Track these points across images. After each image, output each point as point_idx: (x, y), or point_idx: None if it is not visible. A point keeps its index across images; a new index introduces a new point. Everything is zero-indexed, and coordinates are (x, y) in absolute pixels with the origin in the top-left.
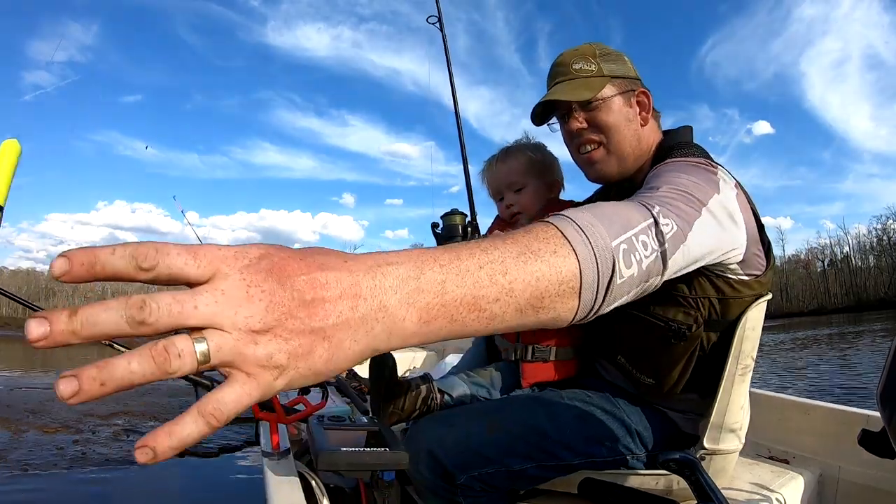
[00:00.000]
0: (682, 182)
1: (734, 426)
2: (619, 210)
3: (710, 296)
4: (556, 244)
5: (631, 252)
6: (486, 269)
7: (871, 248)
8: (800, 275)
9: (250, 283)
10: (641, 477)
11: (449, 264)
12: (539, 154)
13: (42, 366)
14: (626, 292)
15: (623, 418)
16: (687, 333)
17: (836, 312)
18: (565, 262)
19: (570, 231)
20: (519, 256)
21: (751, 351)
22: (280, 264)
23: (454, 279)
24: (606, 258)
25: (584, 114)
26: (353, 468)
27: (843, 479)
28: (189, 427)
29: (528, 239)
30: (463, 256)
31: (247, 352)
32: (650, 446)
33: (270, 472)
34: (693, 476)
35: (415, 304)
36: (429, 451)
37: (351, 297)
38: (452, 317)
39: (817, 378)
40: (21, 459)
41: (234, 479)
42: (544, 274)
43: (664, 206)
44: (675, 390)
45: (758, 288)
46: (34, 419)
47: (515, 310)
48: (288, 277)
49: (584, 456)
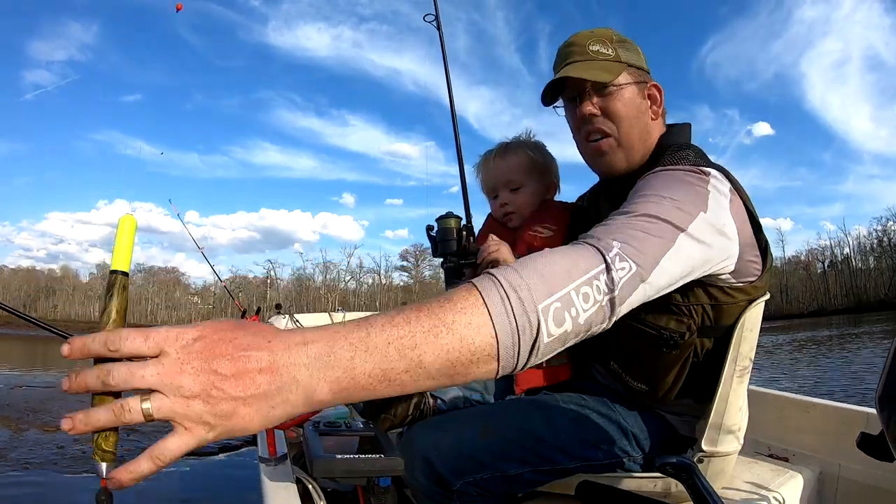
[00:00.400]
0: (662, 206)
1: (732, 428)
2: (564, 260)
3: (704, 302)
4: (474, 314)
5: (565, 309)
6: (394, 344)
7: (872, 250)
8: (800, 276)
9: (183, 361)
10: (639, 480)
11: (358, 342)
12: (539, 154)
13: (42, 365)
14: (559, 346)
15: (619, 421)
16: (679, 342)
17: (836, 314)
18: (479, 333)
19: (492, 298)
20: (430, 331)
21: (749, 352)
22: (210, 346)
23: (362, 355)
24: (530, 323)
25: (598, 99)
26: (349, 475)
27: (843, 477)
28: (143, 465)
29: (445, 310)
30: (373, 333)
31: (181, 411)
32: (647, 449)
33: (267, 478)
34: (690, 480)
35: (325, 378)
36: (423, 458)
37: (269, 372)
38: (363, 386)
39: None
40: (22, 458)
41: (232, 483)
42: (455, 347)
43: (626, 244)
44: (668, 396)
45: (753, 292)
46: (35, 418)
47: (427, 377)
48: (214, 357)
49: (580, 460)
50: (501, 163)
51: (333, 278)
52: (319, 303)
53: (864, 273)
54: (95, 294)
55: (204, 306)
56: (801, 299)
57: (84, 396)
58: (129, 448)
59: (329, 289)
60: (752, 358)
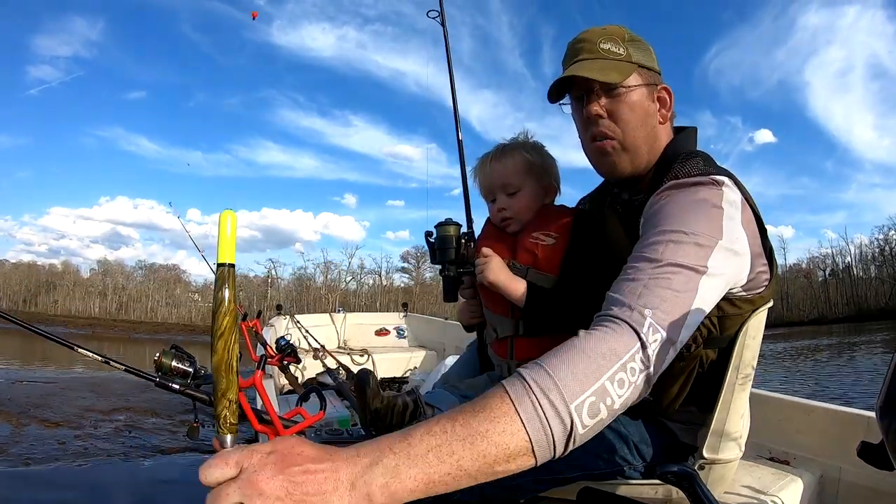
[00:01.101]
0: (682, 247)
1: (734, 435)
2: (599, 349)
3: (711, 314)
4: (506, 423)
5: (601, 401)
6: (433, 452)
7: (873, 259)
8: (801, 284)
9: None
10: (640, 486)
11: (401, 452)
12: (537, 155)
13: (42, 360)
14: (599, 430)
15: (620, 430)
16: (685, 354)
17: (837, 322)
18: (513, 438)
19: (524, 406)
20: (466, 439)
21: (751, 360)
22: (282, 458)
23: (405, 462)
24: (563, 424)
25: (606, 99)
26: None
27: (844, 480)
28: None
29: (479, 420)
30: (414, 444)
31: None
32: (648, 458)
33: None
34: (692, 489)
35: (376, 482)
36: None
37: (333, 479)
38: (411, 489)
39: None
40: (23, 453)
41: None
42: (490, 452)
43: (657, 309)
44: (672, 406)
45: (760, 302)
46: (36, 413)
47: (468, 478)
48: (287, 466)
49: (580, 469)
50: (498, 165)
51: (334, 278)
52: (320, 303)
53: (865, 282)
54: (96, 290)
55: (204, 304)
56: (801, 307)
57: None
58: (132, 446)
59: (330, 289)
60: (755, 366)
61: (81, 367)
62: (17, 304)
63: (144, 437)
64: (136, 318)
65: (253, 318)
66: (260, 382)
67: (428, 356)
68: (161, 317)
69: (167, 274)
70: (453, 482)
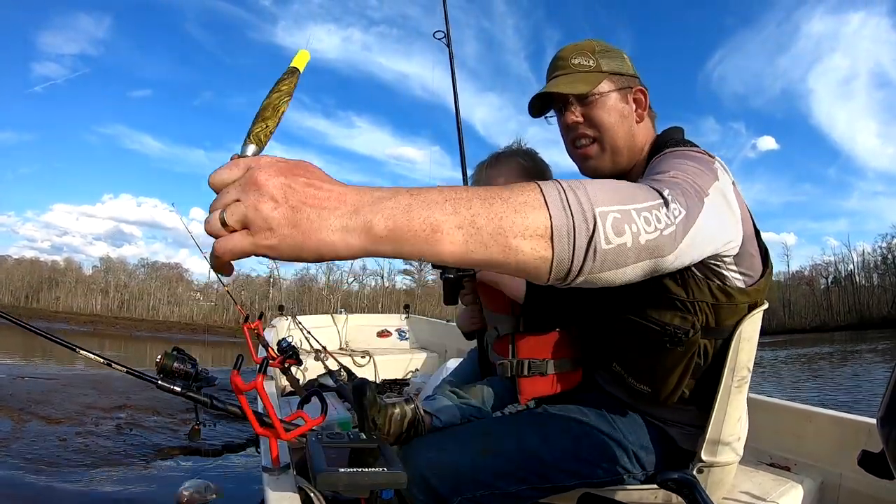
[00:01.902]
0: (686, 169)
1: (731, 438)
2: (625, 187)
3: (707, 301)
4: (529, 196)
5: (625, 222)
6: (450, 201)
7: (876, 267)
8: (803, 291)
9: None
10: (640, 492)
11: (418, 194)
12: (530, 161)
13: (43, 356)
14: (624, 262)
15: (620, 439)
16: (684, 339)
17: (839, 330)
18: (534, 211)
19: (549, 190)
20: (486, 199)
21: (747, 362)
22: (290, 167)
23: (420, 204)
24: (585, 220)
25: (580, 108)
26: (352, 489)
27: (845, 487)
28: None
29: (503, 190)
30: (433, 192)
31: (251, 215)
32: (647, 466)
33: (270, 488)
34: (692, 496)
35: (383, 213)
36: (420, 476)
37: (337, 198)
38: (416, 231)
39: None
40: (24, 450)
41: (237, 479)
42: (508, 215)
43: (674, 189)
44: (671, 399)
45: (754, 295)
46: (37, 409)
47: (479, 242)
48: (292, 174)
49: (579, 478)
50: (493, 172)
51: (336, 280)
52: (322, 304)
53: (868, 290)
54: (98, 287)
55: (206, 303)
56: (803, 314)
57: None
58: (133, 444)
59: (332, 290)
60: (751, 368)
61: (83, 363)
62: (18, 300)
63: (145, 436)
64: (138, 316)
65: (255, 320)
66: (262, 386)
67: (429, 358)
68: (163, 315)
69: (169, 272)
70: (462, 241)
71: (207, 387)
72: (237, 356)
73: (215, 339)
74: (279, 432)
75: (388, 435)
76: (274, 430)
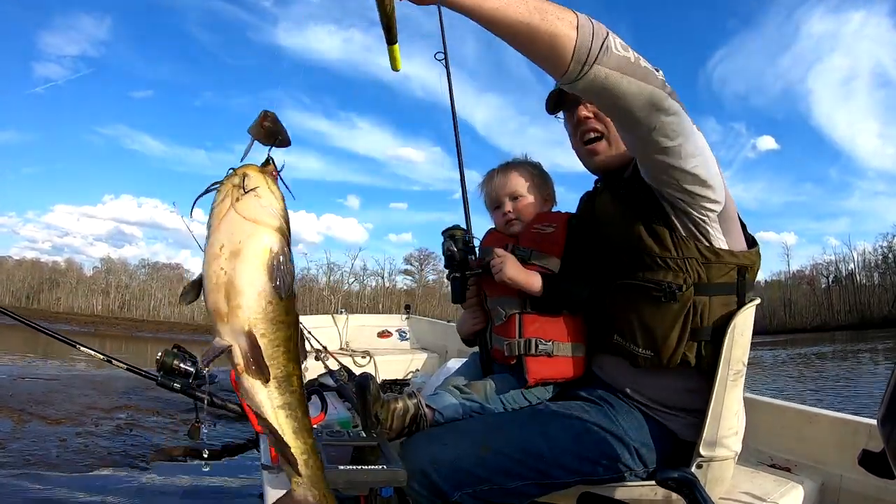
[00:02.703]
0: None
1: (729, 432)
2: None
3: (695, 257)
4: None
5: (629, 49)
6: None
7: (876, 266)
8: (804, 291)
9: None
10: (640, 488)
11: None
12: (537, 170)
13: (43, 356)
14: (625, 67)
15: (622, 436)
16: (678, 293)
17: (840, 329)
18: (568, 11)
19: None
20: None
21: (741, 356)
22: None
23: None
24: (601, 31)
25: (591, 106)
26: (352, 486)
27: (845, 488)
28: None
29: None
30: None
31: None
32: (649, 462)
33: (269, 486)
34: (692, 494)
35: None
36: (421, 471)
37: None
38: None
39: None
40: (23, 450)
41: (238, 479)
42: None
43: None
44: (673, 359)
45: (743, 259)
46: (37, 410)
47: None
48: None
49: (580, 475)
50: (504, 177)
51: (337, 280)
52: (322, 304)
53: (869, 289)
54: (99, 288)
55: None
56: (804, 314)
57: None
58: (133, 444)
59: (333, 290)
60: (745, 362)
61: (84, 364)
62: (19, 300)
63: (146, 436)
64: (139, 316)
65: None
66: None
67: (430, 359)
68: (163, 315)
69: (170, 273)
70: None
71: (208, 384)
72: None
73: None
74: None
75: (391, 430)
76: None
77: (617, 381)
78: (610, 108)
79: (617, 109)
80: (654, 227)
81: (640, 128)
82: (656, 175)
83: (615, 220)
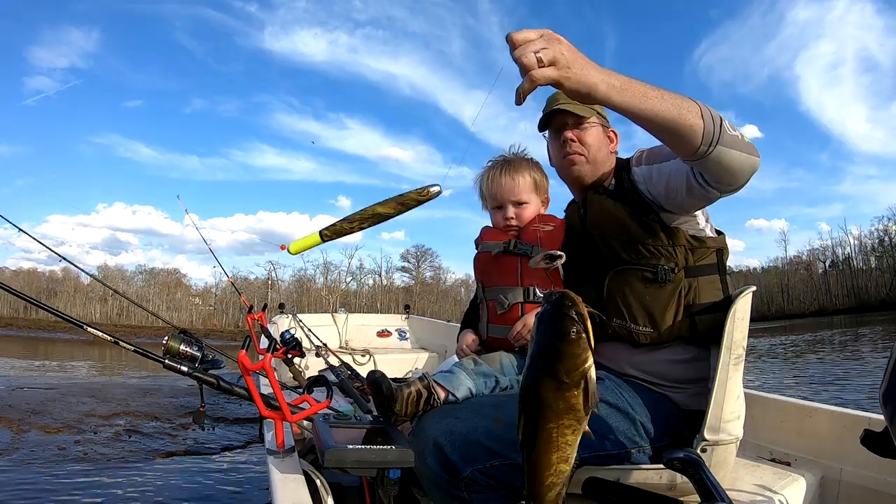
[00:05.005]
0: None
1: (731, 416)
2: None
3: (683, 244)
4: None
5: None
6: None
7: (873, 250)
8: (801, 276)
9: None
10: (645, 472)
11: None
12: (540, 174)
13: (41, 367)
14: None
15: (628, 411)
16: (671, 276)
17: (838, 314)
18: (694, 105)
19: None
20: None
21: (741, 340)
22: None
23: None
24: (715, 114)
25: (576, 130)
26: (360, 465)
27: (845, 480)
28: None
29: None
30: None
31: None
32: (654, 434)
33: (276, 469)
34: (697, 475)
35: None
36: (435, 443)
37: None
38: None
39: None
40: (23, 459)
41: (238, 478)
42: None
43: None
44: (672, 333)
45: (719, 242)
46: (36, 419)
47: (671, 105)
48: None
49: (589, 450)
50: (510, 182)
51: (334, 279)
52: (320, 304)
53: (866, 273)
54: (96, 296)
55: (205, 307)
56: (802, 299)
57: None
58: (132, 450)
59: (330, 290)
60: (745, 346)
61: (84, 367)
62: (17, 311)
63: (144, 441)
64: (138, 322)
65: (259, 312)
66: (269, 366)
67: (430, 358)
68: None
69: (167, 278)
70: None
71: (213, 368)
72: (244, 337)
73: (216, 342)
74: (285, 414)
75: (406, 416)
76: (280, 413)
77: (617, 363)
78: (722, 173)
79: (728, 175)
80: (647, 222)
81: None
82: (688, 209)
83: (610, 217)
